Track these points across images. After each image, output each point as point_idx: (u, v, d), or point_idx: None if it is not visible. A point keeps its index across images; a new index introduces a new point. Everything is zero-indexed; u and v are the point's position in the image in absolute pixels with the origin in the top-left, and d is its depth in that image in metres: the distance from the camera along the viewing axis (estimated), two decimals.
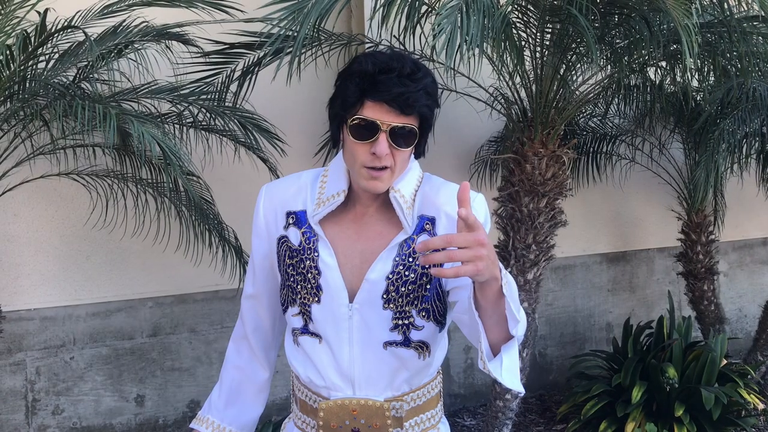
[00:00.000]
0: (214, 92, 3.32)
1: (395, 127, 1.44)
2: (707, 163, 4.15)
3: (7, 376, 3.60)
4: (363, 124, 1.44)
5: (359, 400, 1.55)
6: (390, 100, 1.42)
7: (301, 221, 1.59)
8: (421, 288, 1.54)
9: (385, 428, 1.56)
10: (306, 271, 1.56)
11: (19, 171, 3.25)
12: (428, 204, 1.57)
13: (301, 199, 1.60)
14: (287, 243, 1.59)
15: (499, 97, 3.67)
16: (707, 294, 4.67)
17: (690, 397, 3.83)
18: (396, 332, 1.55)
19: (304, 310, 1.57)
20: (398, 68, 1.43)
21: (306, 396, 1.63)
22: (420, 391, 1.62)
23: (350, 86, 1.45)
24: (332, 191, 1.57)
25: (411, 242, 1.55)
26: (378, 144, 1.44)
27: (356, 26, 4.04)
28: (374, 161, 1.45)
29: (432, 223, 1.55)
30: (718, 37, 3.30)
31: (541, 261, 3.52)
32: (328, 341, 1.55)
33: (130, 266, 3.79)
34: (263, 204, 1.64)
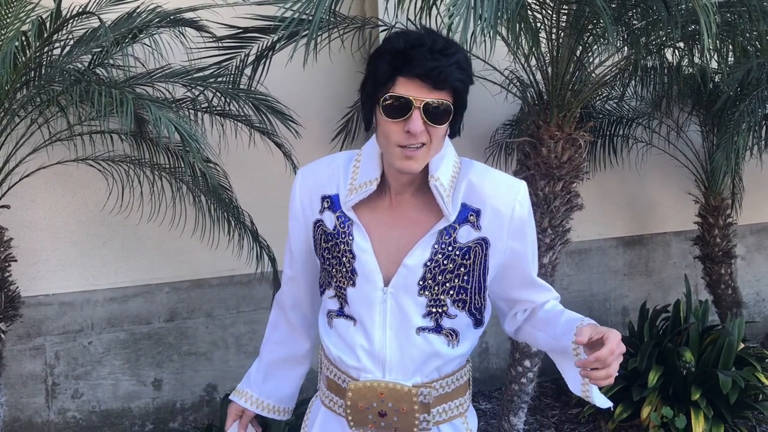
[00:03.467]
0: (229, 75, 3.32)
1: (429, 102, 1.40)
2: (726, 145, 4.10)
3: (27, 361, 3.64)
4: (396, 101, 1.41)
5: (387, 384, 1.55)
6: (422, 75, 1.39)
7: (335, 205, 1.58)
8: (458, 278, 1.54)
9: (411, 413, 1.55)
10: (341, 255, 1.56)
11: (36, 157, 3.27)
12: (474, 194, 1.54)
13: (335, 182, 1.60)
14: (322, 227, 1.60)
15: (514, 80, 3.64)
16: (724, 278, 4.64)
17: (707, 381, 3.80)
18: (428, 318, 1.55)
19: (339, 293, 1.58)
20: (429, 43, 1.40)
21: (335, 375, 1.63)
22: (449, 379, 1.61)
23: (381, 65, 1.43)
24: (365, 178, 1.55)
25: (452, 231, 1.53)
26: (412, 121, 1.41)
27: (370, 9, 4.02)
28: (409, 139, 1.42)
29: (477, 215, 1.54)
30: (737, 17, 3.25)
31: (557, 245, 3.50)
32: (363, 324, 1.56)
33: (146, 251, 3.82)
34: (299, 188, 1.64)
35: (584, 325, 1.51)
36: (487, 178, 1.57)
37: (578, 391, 1.61)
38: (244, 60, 3.38)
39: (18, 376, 3.62)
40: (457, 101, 1.46)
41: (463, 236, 1.53)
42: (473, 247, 1.53)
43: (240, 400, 1.85)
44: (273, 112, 3.37)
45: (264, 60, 3.35)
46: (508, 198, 1.54)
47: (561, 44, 3.30)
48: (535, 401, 4.35)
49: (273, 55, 3.36)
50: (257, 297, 4.02)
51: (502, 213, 1.53)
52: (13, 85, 2.79)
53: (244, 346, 4.03)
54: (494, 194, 1.54)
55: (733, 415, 3.77)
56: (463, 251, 1.53)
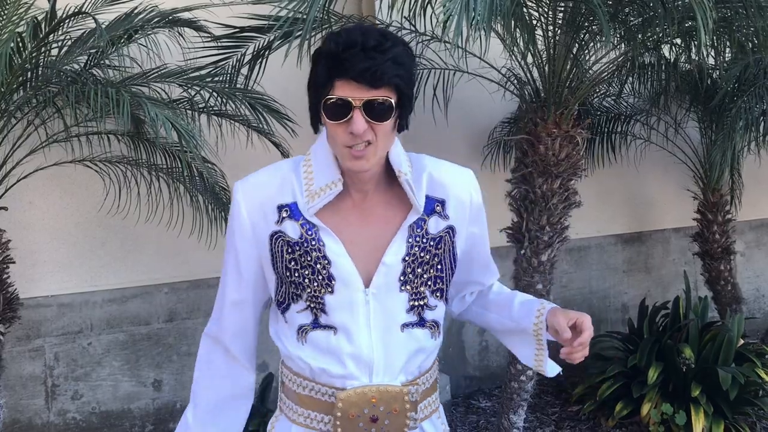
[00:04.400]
0: (225, 75, 3.32)
1: (368, 101, 1.40)
2: (724, 141, 4.10)
3: (27, 362, 3.64)
4: (336, 103, 1.41)
5: (378, 387, 1.52)
6: (356, 76, 1.38)
7: (295, 213, 1.52)
8: (433, 268, 1.56)
9: (403, 413, 1.54)
10: (314, 263, 1.51)
11: (34, 159, 3.27)
12: (436, 185, 1.57)
13: (289, 190, 1.54)
14: (283, 238, 1.52)
15: (511, 78, 3.64)
16: (724, 274, 4.64)
17: (706, 378, 3.80)
18: (412, 313, 1.55)
19: (314, 303, 1.53)
20: (362, 42, 1.38)
21: (313, 390, 1.57)
22: (428, 374, 1.63)
23: (319, 68, 1.43)
24: (325, 181, 1.52)
25: (422, 223, 1.55)
26: (353, 122, 1.40)
27: (366, 8, 4.02)
28: (354, 139, 1.42)
29: (442, 205, 1.57)
30: (734, 12, 3.24)
31: (555, 242, 3.49)
32: (346, 330, 1.52)
33: (144, 252, 3.82)
34: (244, 203, 1.55)
35: (546, 310, 1.63)
36: (443, 169, 1.62)
37: (531, 364, 1.73)
38: (241, 59, 3.38)
39: (17, 377, 3.62)
40: (400, 96, 1.45)
41: (433, 227, 1.56)
42: (443, 236, 1.57)
43: None
44: (270, 111, 3.36)
45: (260, 59, 3.35)
46: (465, 185, 1.62)
47: (557, 42, 3.30)
48: (535, 399, 4.35)
49: (269, 54, 3.36)
50: None
51: (463, 200, 1.60)
52: (9, 86, 2.78)
53: None
54: (453, 183, 1.60)
55: (733, 411, 3.77)
56: (435, 241, 1.56)
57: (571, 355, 1.56)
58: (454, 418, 4.26)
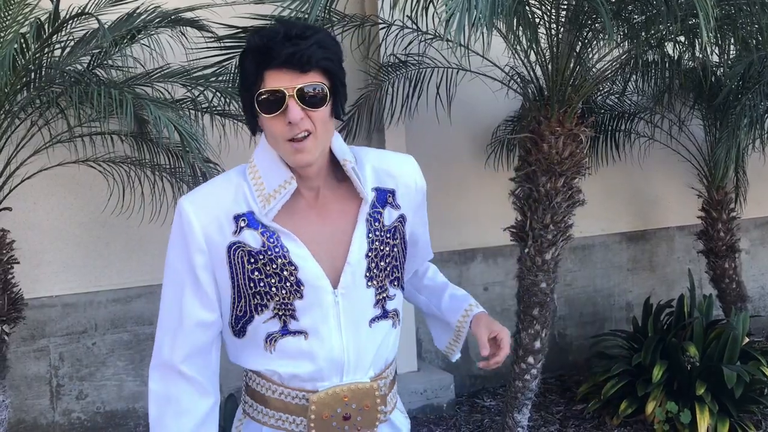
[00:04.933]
0: (228, 75, 3.32)
1: (301, 88, 1.40)
2: (728, 139, 4.09)
3: (32, 362, 3.65)
4: (269, 96, 1.40)
5: (349, 386, 1.52)
6: (284, 62, 1.39)
7: (253, 222, 1.48)
8: (393, 258, 1.58)
9: (374, 408, 1.55)
10: (280, 270, 1.48)
11: (37, 159, 3.27)
12: (383, 176, 1.59)
13: (242, 199, 1.50)
14: (243, 248, 1.48)
15: (514, 76, 3.63)
16: (729, 272, 4.62)
17: (711, 376, 3.79)
18: (377, 307, 1.56)
19: (283, 310, 1.50)
20: (284, 31, 1.40)
21: (283, 394, 1.54)
22: (391, 367, 1.64)
23: (246, 65, 1.44)
24: (277, 182, 1.48)
25: (378, 215, 1.56)
26: (289, 111, 1.39)
27: (369, 7, 4.01)
28: (293, 130, 1.41)
29: (393, 195, 1.59)
30: (737, 9, 3.23)
31: (559, 241, 3.49)
32: (318, 334, 1.50)
33: (148, 252, 3.82)
34: (195, 218, 1.47)
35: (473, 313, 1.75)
36: (387, 159, 1.63)
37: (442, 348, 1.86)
38: None
39: (22, 377, 3.63)
40: (332, 82, 1.45)
41: (388, 218, 1.58)
42: (397, 225, 1.59)
43: None
44: None
45: None
46: (411, 172, 1.64)
47: (560, 40, 3.29)
48: (539, 398, 4.34)
49: None
50: None
51: (410, 187, 1.62)
52: (13, 87, 2.79)
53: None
54: (400, 172, 1.61)
55: (738, 409, 3.76)
56: (391, 232, 1.58)
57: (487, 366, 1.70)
58: (458, 417, 4.26)
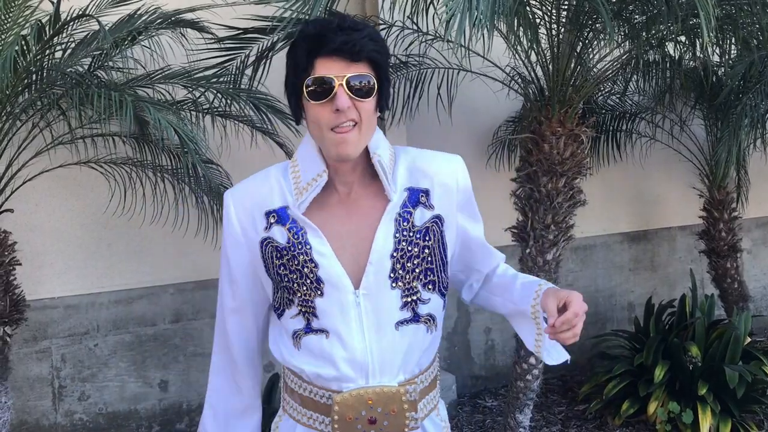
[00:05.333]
0: (229, 75, 3.32)
1: (350, 77, 1.43)
2: (729, 138, 4.08)
3: (34, 364, 3.66)
4: (318, 83, 1.43)
5: (374, 389, 1.51)
6: (336, 50, 1.42)
7: (283, 218, 1.53)
8: (424, 261, 1.54)
9: (401, 413, 1.52)
10: (302, 267, 1.50)
11: (39, 161, 3.27)
12: (418, 175, 1.57)
13: (278, 195, 1.55)
14: (272, 244, 1.53)
15: (515, 77, 3.63)
16: (730, 272, 4.62)
17: (713, 376, 3.79)
18: (405, 309, 1.53)
19: (305, 308, 1.52)
20: (338, 21, 1.45)
21: (312, 392, 1.57)
22: (427, 372, 1.61)
23: (298, 52, 1.47)
24: (310, 175, 1.53)
25: (408, 215, 1.53)
26: (337, 98, 1.42)
27: (370, 8, 4.02)
28: (339, 117, 1.43)
29: (426, 195, 1.56)
30: (738, 9, 3.23)
31: (561, 241, 3.49)
32: (338, 334, 1.51)
33: (150, 253, 3.82)
34: (234, 211, 1.57)
35: (543, 291, 1.58)
36: (426, 158, 1.60)
37: (533, 349, 1.68)
38: (245, 60, 3.38)
39: (25, 379, 3.63)
40: (378, 75, 1.48)
41: (419, 218, 1.55)
42: (430, 226, 1.55)
43: None
44: (274, 111, 3.36)
45: (264, 60, 3.35)
46: (450, 171, 1.59)
47: (561, 40, 3.29)
48: (541, 398, 4.34)
49: (273, 55, 3.36)
50: None
51: (449, 186, 1.58)
52: (14, 89, 2.80)
53: None
54: (437, 171, 1.57)
55: (740, 409, 3.76)
56: (422, 233, 1.54)
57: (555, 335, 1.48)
58: (460, 417, 4.25)
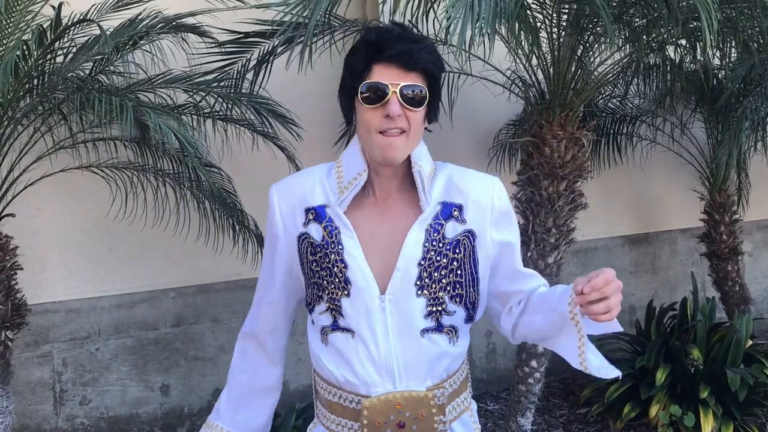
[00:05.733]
0: (230, 80, 3.33)
1: (404, 86, 1.48)
2: (730, 141, 4.08)
3: (35, 368, 3.66)
4: (373, 89, 1.48)
5: (402, 393, 1.53)
6: (394, 57, 1.47)
7: (321, 216, 1.58)
8: (452, 273, 1.56)
9: (430, 417, 1.55)
10: (332, 266, 1.55)
11: (40, 165, 3.28)
12: (453, 191, 1.60)
13: (320, 193, 1.60)
14: (308, 239, 1.59)
15: (516, 80, 3.63)
16: (731, 274, 4.61)
17: (715, 379, 3.79)
18: (430, 319, 1.56)
19: (333, 305, 1.56)
20: (399, 31, 1.52)
21: (341, 397, 1.59)
22: (455, 376, 1.63)
23: (357, 56, 1.52)
24: (352, 174, 1.58)
25: (439, 227, 1.56)
26: (390, 104, 1.47)
27: (370, 11, 4.02)
28: (388, 123, 1.48)
29: (459, 210, 1.59)
30: (738, 13, 3.23)
31: (562, 244, 3.49)
32: (362, 335, 1.53)
33: (151, 257, 3.83)
34: (278, 204, 1.63)
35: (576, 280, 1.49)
36: (464, 175, 1.64)
37: (576, 360, 1.57)
38: (246, 65, 3.39)
39: (26, 383, 3.64)
40: (431, 87, 1.53)
41: (450, 231, 1.57)
42: (461, 240, 1.58)
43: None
44: (275, 115, 3.37)
45: (265, 64, 3.36)
46: (487, 191, 1.62)
47: (562, 44, 3.30)
48: (543, 401, 4.34)
49: (274, 59, 3.36)
50: None
51: (483, 206, 1.60)
52: (16, 93, 2.80)
53: None
54: (473, 189, 1.61)
55: (742, 412, 3.75)
56: (452, 245, 1.57)
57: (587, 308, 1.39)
58: None
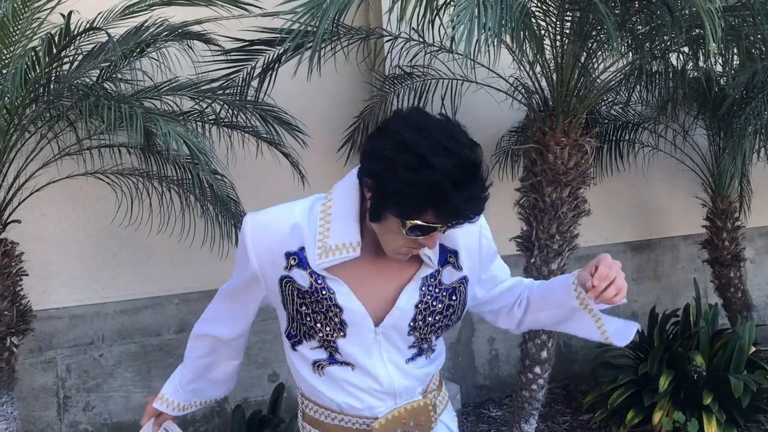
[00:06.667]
0: (236, 87, 3.35)
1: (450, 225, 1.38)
2: (734, 149, 4.09)
3: (39, 374, 3.66)
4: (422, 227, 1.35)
5: (405, 407, 1.59)
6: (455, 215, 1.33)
7: (303, 263, 1.48)
8: (446, 318, 1.59)
9: (428, 420, 1.63)
10: (326, 310, 1.50)
11: (46, 172, 3.29)
12: (447, 238, 1.57)
13: (298, 238, 1.48)
14: (293, 284, 1.50)
15: (519, 87, 3.65)
16: (734, 281, 4.62)
17: (718, 385, 3.79)
18: (413, 349, 1.60)
19: (327, 344, 1.55)
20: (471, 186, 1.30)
21: (342, 421, 1.60)
22: (434, 377, 1.72)
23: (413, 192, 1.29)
24: (340, 240, 1.45)
25: (436, 273, 1.56)
26: (430, 239, 1.39)
27: (374, 19, 4.04)
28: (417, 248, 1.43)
29: (455, 256, 1.58)
30: (741, 21, 3.25)
31: (565, 251, 3.50)
32: (364, 367, 1.55)
33: (156, 263, 3.84)
34: (252, 244, 1.51)
35: (577, 277, 1.61)
36: None
37: (601, 338, 1.67)
38: (251, 72, 3.41)
39: (30, 389, 3.64)
40: None
41: (447, 278, 1.57)
42: (457, 287, 1.59)
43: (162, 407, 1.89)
44: (280, 122, 3.39)
45: (270, 72, 3.38)
46: (474, 233, 1.60)
47: (565, 51, 3.31)
48: (546, 408, 4.34)
49: (279, 67, 3.38)
50: (267, 308, 4.01)
51: (473, 249, 1.60)
52: (23, 101, 2.81)
53: (254, 357, 4.04)
54: (464, 235, 1.57)
55: (745, 419, 3.76)
56: (449, 292, 1.57)
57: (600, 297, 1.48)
58: (464, 427, 4.25)
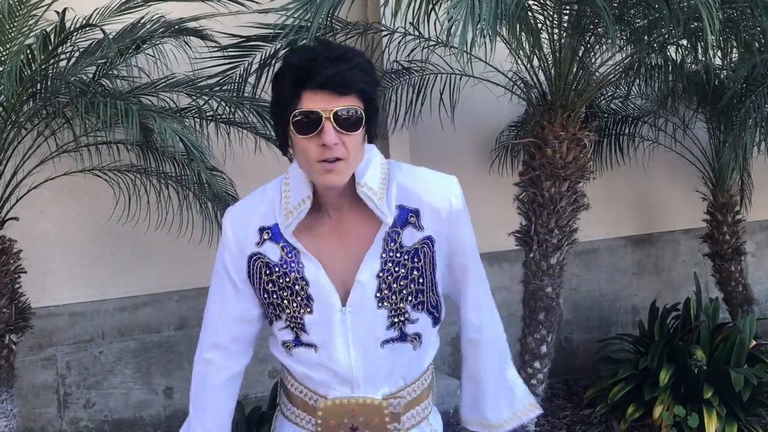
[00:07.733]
0: (233, 83, 3.34)
1: (338, 111, 1.38)
2: (734, 141, 4.08)
3: (39, 371, 3.67)
4: (305, 117, 1.39)
5: (357, 399, 1.55)
6: (324, 83, 1.37)
7: (277, 236, 1.53)
8: (413, 282, 1.53)
9: (383, 425, 1.56)
10: (292, 284, 1.52)
11: (44, 169, 3.29)
12: (408, 195, 1.53)
13: (272, 212, 1.55)
14: (262, 260, 1.54)
15: (518, 81, 3.64)
16: (734, 275, 4.61)
17: (719, 379, 3.78)
18: (393, 329, 1.54)
19: (294, 323, 1.54)
20: (325, 53, 1.40)
21: (302, 392, 1.62)
22: (414, 385, 1.62)
23: (283, 84, 1.42)
24: (297, 199, 1.51)
25: (396, 236, 1.51)
26: (325, 133, 1.38)
27: (372, 14, 4.03)
28: (326, 153, 1.39)
29: (416, 215, 1.52)
30: (740, 13, 3.24)
31: (564, 245, 3.49)
32: (326, 348, 1.54)
33: (155, 260, 3.84)
34: (231, 226, 1.59)
35: None
36: (418, 177, 1.56)
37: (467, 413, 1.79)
38: (248, 68, 3.40)
39: (30, 386, 3.64)
40: (367, 106, 1.44)
41: (408, 239, 1.52)
42: (420, 248, 1.53)
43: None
44: None
45: (267, 68, 3.36)
46: (443, 194, 1.55)
47: (563, 45, 3.30)
48: (546, 402, 4.33)
49: (276, 62, 3.37)
50: None
51: (440, 209, 1.53)
52: (20, 98, 2.81)
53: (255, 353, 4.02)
54: (428, 192, 1.53)
55: (746, 413, 3.75)
56: (411, 254, 1.52)
57: None
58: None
